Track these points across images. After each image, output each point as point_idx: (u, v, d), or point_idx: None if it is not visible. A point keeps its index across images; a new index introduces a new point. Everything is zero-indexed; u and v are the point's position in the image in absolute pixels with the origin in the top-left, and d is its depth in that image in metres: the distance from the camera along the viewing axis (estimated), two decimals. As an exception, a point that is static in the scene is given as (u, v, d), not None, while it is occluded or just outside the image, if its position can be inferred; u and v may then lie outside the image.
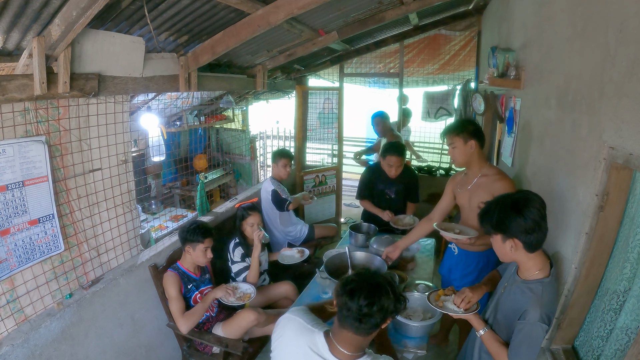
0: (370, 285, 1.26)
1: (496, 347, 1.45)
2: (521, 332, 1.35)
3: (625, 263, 1.29)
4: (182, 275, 2.30)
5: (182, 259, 2.37)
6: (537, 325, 1.32)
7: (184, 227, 2.35)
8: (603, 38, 1.33)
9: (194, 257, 2.31)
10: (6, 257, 1.76)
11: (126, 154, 2.33)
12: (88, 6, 1.44)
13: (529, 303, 1.36)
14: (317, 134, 4.97)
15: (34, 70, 1.63)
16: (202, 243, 2.28)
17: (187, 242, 2.29)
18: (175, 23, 2.18)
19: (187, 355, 2.42)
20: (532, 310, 1.34)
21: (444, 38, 5.06)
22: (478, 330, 1.51)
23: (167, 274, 2.29)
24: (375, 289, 1.25)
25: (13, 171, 1.75)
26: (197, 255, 2.30)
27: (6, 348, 1.62)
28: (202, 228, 2.31)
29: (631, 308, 1.23)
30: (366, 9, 3.00)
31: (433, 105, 5.28)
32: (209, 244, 2.31)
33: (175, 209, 4.58)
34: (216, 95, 4.52)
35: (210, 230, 2.35)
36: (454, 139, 2.14)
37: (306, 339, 1.32)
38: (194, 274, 2.36)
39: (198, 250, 2.29)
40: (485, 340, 1.49)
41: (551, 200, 1.76)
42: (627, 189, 1.31)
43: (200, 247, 2.28)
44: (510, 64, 2.51)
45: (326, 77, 5.63)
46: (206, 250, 2.31)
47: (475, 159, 2.14)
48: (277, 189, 3.32)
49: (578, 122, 1.53)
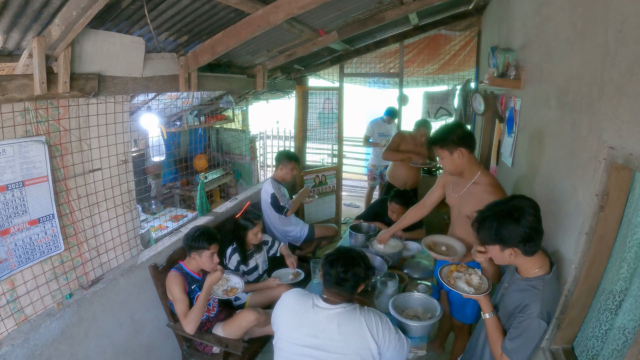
0: (345, 257, 1.66)
1: (497, 334, 1.48)
2: (520, 324, 1.37)
3: (623, 263, 1.29)
4: (185, 276, 2.29)
5: (186, 262, 2.34)
6: (536, 320, 1.34)
7: (188, 235, 2.31)
8: (603, 38, 1.33)
9: (201, 263, 2.29)
10: (6, 257, 1.76)
11: (126, 154, 2.33)
12: (88, 6, 1.44)
13: (530, 298, 1.38)
14: (317, 134, 4.97)
15: (34, 70, 1.63)
16: (207, 250, 2.25)
17: (193, 250, 2.27)
18: (175, 23, 2.18)
19: (187, 355, 2.42)
20: (533, 304, 1.36)
21: (444, 38, 5.06)
22: (484, 313, 1.52)
23: (171, 274, 2.27)
24: (350, 260, 1.65)
25: (13, 171, 1.75)
26: (204, 262, 2.28)
27: (6, 348, 1.62)
28: (206, 234, 2.27)
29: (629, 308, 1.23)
30: (366, 9, 3.00)
31: (433, 105, 5.28)
32: (215, 249, 2.28)
33: (175, 209, 4.58)
34: (216, 95, 4.52)
35: (215, 235, 2.31)
36: (439, 151, 2.05)
37: (306, 298, 1.68)
38: (197, 275, 2.35)
39: (204, 257, 2.26)
40: (489, 324, 1.51)
41: (551, 200, 1.76)
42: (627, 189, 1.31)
43: (206, 253, 2.26)
44: (510, 64, 2.51)
45: (326, 77, 5.63)
46: (212, 255, 2.28)
47: (466, 166, 2.04)
48: (276, 193, 3.33)
49: (578, 122, 1.53)
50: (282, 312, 1.70)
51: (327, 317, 1.59)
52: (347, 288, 1.63)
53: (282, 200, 3.33)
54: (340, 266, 1.62)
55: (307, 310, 1.63)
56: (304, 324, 1.62)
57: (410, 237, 2.99)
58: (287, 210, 3.34)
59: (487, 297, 1.55)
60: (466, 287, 1.60)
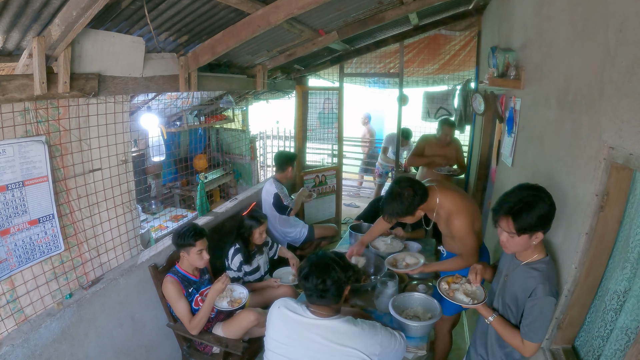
0: (318, 266, 1.54)
1: (508, 329, 1.55)
2: (534, 308, 1.45)
3: (626, 263, 1.29)
4: (182, 279, 2.28)
5: (180, 262, 2.34)
6: (548, 299, 1.43)
7: (176, 232, 2.29)
8: (603, 38, 1.32)
9: (191, 261, 2.28)
10: (6, 257, 1.76)
11: (126, 154, 2.33)
12: (88, 6, 1.44)
13: (538, 280, 1.45)
14: (317, 134, 4.97)
15: (34, 70, 1.63)
16: (194, 246, 2.22)
17: (181, 248, 2.25)
18: (175, 23, 2.18)
19: (187, 355, 2.43)
20: (541, 286, 1.44)
21: (444, 38, 5.06)
22: (487, 318, 1.61)
23: (167, 279, 2.25)
24: (323, 269, 1.53)
25: (13, 171, 1.75)
26: (193, 259, 2.26)
27: (6, 348, 1.62)
28: (192, 231, 2.24)
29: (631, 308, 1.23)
30: (366, 9, 3.00)
31: (433, 105, 5.28)
32: (202, 246, 2.25)
33: (175, 209, 4.58)
34: (216, 95, 4.52)
35: (202, 231, 2.27)
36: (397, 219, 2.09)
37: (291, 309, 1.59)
38: (193, 276, 2.34)
39: (192, 254, 2.24)
40: (496, 325, 1.59)
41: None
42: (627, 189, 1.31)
43: (193, 250, 2.23)
44: (510, 64, 2.50)
45: (326, 77, 5.63)
46: (201, 252, 2.25)
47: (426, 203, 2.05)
48: (279, 193, 3.34)
49: (578, 122, 1.53)
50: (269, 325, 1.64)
51: (316, 331, 1.51)
52: (331, 297, 1.53)
53: (285, 199, 3.34)
54: (316, 278, 1.52)
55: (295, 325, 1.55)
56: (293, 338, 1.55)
57: (411, 237, 2.99)
58: (291, 210, 3.34)
59: (485, 305, 1.65)
60: (464, 299, 1.69)
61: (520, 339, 1.51)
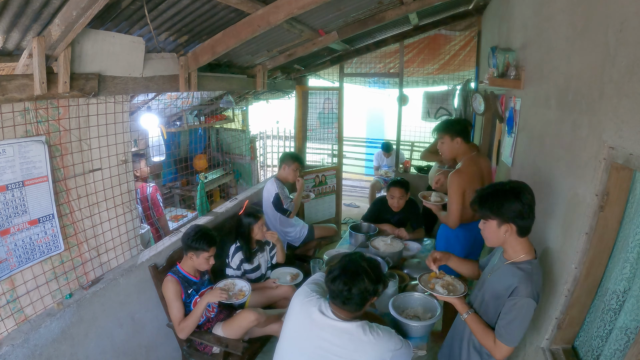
0: (347, 272, 1.48)
1: (482, 327, 1.53)
2: (514, 307, 1.42)
3: (625, 263, 1.29)
4: (182, 280, 2.28)
5: (182, 262, 2.34)
6: (528, 300, 1.40)
7: (188, 234, 2.29)
8: (603, 38, 1.33)
9: (196, 264, 2.28)
10: (6, 257, 1.76)
11: (126, 154, 2.33)
12: (88, 6, 1.44)
13: (520, 280, 1.43)
14: (317, 134, 4.97)
15: (34, 70, 1.63)
16: (207, 252, 2.25)
17: (191, 250, 2.25)
18: (175, 23, 2.18)
19: (187, 355, 2.42)
20: (524, 286, 1.41)
21: (444, 38, 5.06)
22: (462, 314, 1.59)
23: (167, 279, 2.25)
24: (352, 276, 1.47)
25: (13, 171, 1.75)
26: (199, 263, 2.27)
27: (6, 348, 1.62)
28: (207, 237, 2.25)
29: (630, 308, 1.23)
30: (366, 9, 3.00)
31: (433, 105, 5.28)
32: (213, 252, 2.28)
33: (175, 209, 4.59)
34: (216, 95, 4.52)
35: (215, 238, 2.30)
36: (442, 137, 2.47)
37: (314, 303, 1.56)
38: (193, 277, 2.34)
39: (201, 258, 2.26)
40: (470, 322, 1.57)
41: (551, 200, 1.76)
42: (627, 189, 1.31)
43: (204, 255, 2.25)
44: (510, 64, 2.50)
45: (326, 77, 5.63)
46: (209, 258, 2.28)
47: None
48: (280, 193, 3.33)
49: (578, 122, 1.53)
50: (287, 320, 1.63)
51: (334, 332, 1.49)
52: (353, 305, 1.49)
53: (285, 202, 3.34)
54: (343, 284, 1.46)
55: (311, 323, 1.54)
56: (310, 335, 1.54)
57: (411, 237, 3.01)
58: (290, 212, 3.36)
59: (462, 299, 1.63)
60: (441, 290, 1.70)
61: (493, 339, 1.47)
